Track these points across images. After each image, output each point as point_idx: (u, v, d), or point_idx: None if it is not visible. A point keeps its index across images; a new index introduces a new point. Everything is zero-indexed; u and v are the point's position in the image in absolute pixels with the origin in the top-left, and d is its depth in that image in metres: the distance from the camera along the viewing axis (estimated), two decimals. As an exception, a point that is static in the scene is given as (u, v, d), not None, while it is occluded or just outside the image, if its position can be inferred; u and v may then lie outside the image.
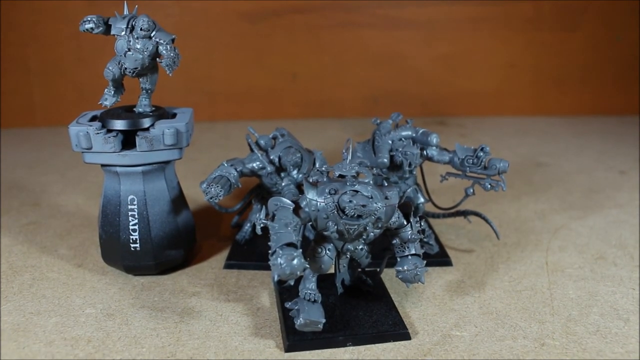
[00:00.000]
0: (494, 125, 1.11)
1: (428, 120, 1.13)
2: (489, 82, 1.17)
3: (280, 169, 0.55)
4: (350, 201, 0.39)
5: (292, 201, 0.41)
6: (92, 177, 0.81)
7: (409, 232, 0.43)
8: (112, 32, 0.48)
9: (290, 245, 0.38)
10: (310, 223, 0.41)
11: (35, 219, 0.67)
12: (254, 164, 0.54)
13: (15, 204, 0.71)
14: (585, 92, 1.18)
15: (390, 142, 0.55)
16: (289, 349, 0.41)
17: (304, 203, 0.40)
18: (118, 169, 0.49)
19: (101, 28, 0.48)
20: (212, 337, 0.43)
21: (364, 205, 0.39)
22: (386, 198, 0.40)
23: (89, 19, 0.47)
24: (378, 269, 0.48)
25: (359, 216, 0.39)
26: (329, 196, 0.39)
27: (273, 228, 0.39)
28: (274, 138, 0.56)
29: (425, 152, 0.55)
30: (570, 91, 1.18)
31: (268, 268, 0.52)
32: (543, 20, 1.13)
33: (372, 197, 0.39)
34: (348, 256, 0.44)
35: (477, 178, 0.54)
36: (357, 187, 0.40)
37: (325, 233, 0.41)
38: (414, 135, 0.55)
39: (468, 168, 0.54)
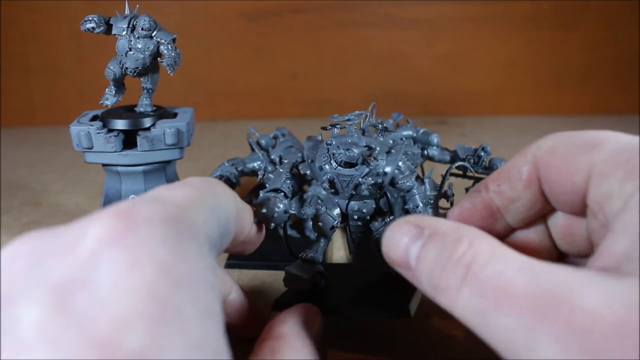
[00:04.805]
0: (494, 124, 1.11)
1: (428, 119, 1.13)
2: (489, 81, 1.18)
3: (281, 168, 0.55)
4: (339, 147, 0.38)
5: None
6: (92, 177, 0.81)
7: (419, 195, 0.38)
8: (113, 32, 0.48)
9: (277, 190, 0.38)
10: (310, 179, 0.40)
11: (35, 218, 0.67)
12: (255, 164, 0.54)
13: (16, 203, 0.71)
14: (585, 91, 1.18)
15: (391, 141, 0.55)
16: (274, 307, 0.39)
17: (305, 157, 0.40)
18: (119, 168, 0.49)
19: (102, 28, 0.48)
20: (213, 336, 0.43)
21: (347, 150, 0.37)
22: (388, 152, 0.38)
23: (90, 18, 0.47)
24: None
25: (349, 164, 0.37)
26: (324, 147, 0.39)
27: (268, 179, 0.39)
28: (275, 138, 0.56)
29: (426, 151, 0.55)
30: (571, 90, 1.18)
31: (269, 268, 0.52)
32: (543, 19, 1.13)
33: (368, 147, 0.38)
34: (357, 220, 0.39)
35: (478, 177, 0.54)
36: (354, 139, 0.38)
37: (318, 183, 0.39)
38: (414, 134, 0.55)
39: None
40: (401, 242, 0.27)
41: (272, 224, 0.37)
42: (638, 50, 1.13)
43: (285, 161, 0.42)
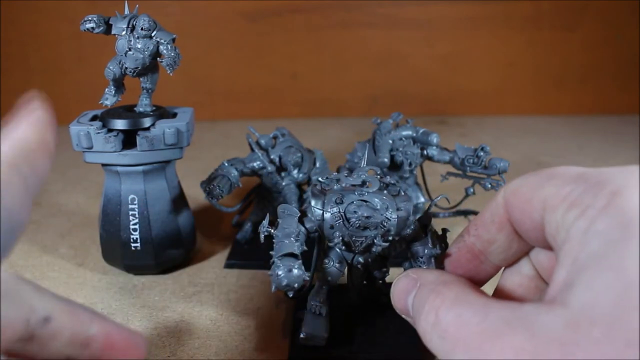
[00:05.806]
0: (494, 124, 1.11)
1: (428, 119, 1.13)
2: (489, 81, 1.17)
3: (280, 168, 0.55)
4: (355, 212, 0.37)
5: (299, 210, 0.40)
6: (92, 177, 0.81)
7: (421, 248, 0.39)
8: (113, 32, 0.48)
9: (290, 255, 0.36)
10: (316, 233, 0.39)
11: (36, 218, 0.67)
12: (255, 164, 0.54)
13: (16, 204, 0.71)
14: (585, 91, 1.18)
15: (390, 141, 0.55)
16: None
17: (309, 212, 0.39)
18: (119, 168, 0.49)
19: (102, 27, 0.48)
20: (213, 336, 0.43)
21: (367, 217, 0.36)
22: (399, 209, 0.37)
23: (89, 18, 0.47)
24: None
25: (365, 227, 0.37)
26: (335, 205, 0.37)
27: (276, 237, 0.38)
28: (275, 137, 0.56)
29: (425, 151, 0.55)
30: (571, 90, 1.18)
31: (268, 268, 0.52)
32: (543, 20, 1.13)
33: (380, 208, 0.37)
34: (360, 267, 0.41)
35: (478, 177, 0.54)
36: (366, 197, 0.37)
37: (331, 244, 0.39)
38: (414, 134, 0.55)
39: (468, 167, 0.54)
40: (402, 293, 0.30)
41: (291, 292, 0.37)
42: (638, 50, 1.13)
43: (286, 219, 0.39)
